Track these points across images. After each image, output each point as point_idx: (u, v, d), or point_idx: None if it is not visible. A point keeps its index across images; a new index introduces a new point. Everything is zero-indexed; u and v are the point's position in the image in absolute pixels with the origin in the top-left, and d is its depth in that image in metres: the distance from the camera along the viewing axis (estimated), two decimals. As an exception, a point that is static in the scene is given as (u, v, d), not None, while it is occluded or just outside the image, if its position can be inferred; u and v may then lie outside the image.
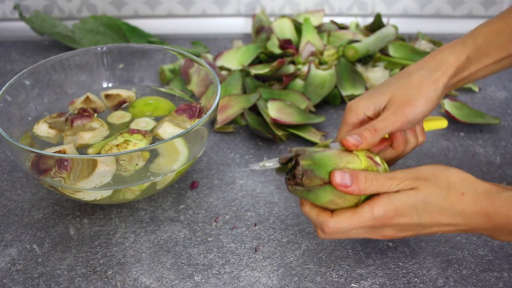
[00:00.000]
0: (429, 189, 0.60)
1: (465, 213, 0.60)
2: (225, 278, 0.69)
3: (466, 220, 0.60)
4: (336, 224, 0.61)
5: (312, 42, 1.08)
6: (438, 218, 0.61)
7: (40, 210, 0.79)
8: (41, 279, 0.69)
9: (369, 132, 0.65)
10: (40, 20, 1.15)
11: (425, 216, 0.60)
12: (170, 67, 0.92)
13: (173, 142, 0.71)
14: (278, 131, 0.90)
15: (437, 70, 0.68)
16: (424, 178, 0.61)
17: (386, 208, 0.60)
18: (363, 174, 0.61)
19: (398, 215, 0.60)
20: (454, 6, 1.23)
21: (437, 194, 0.60)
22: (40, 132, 0.80)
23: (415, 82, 0.67)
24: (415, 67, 0.70)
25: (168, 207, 0.80)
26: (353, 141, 0.64)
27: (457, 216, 0.60)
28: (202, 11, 1.25)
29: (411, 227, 0.62)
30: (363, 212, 0.60)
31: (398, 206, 0.60)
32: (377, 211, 0.60)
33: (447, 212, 0.60)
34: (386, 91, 0.68)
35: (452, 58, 0.69)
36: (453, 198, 0.60)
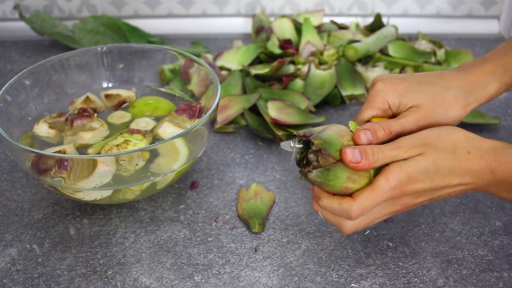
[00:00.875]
0: (436, 152, 0.61)
1: (473, 170, 0.61)
2: (225, 278, 0.69)
3: (474, 177, 0.62)
4: (360, 205, 0.61)
5: (312, 42, 1.08)
6: (449, 179, 0.61)
7: (40, 210, 0.79)
8: (41, 279, 0.69)
9: (383, 132, 0.65)
10: (40, 20, 1.15)
11: (436, 179, 0.61)
12: (170, 67, 0.92)
13: (173, 142, 0.71)
14: (278, 131, 0.90)
15: (472, 95, 0.68)
16: (429, 142, 0.61)
17: (400, 176, 0.60)
18: (370, 148, 0.61)
19: (412, 181, 0.61)
20: (454, 6, 1.23)
21: (445, 156, 0.61)
22: (40, 132, 0.81)
23: (447, 101, 0.67)
24: (453, 81, 0.68)
25: (168, 207, 0.80)
26: (365, 140, 0.63)
27: (466, 175, 0.62)
28: (202, 11, 1.25)
29: (426, 192, 0.62)
30: (380, 185, 0.61)
31: (410, 172, 0.60)
32: (392, 180, 0.60)
33: (456, 172, 0.61)
34: (418, 96, 0.67)
35: (492, 87, 0.69)
36: (460, 157, 0.61)
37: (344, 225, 0.63)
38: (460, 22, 1.24)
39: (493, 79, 0.69)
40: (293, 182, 0.83)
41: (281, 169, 0.86)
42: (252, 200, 0.79)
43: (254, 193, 0.80)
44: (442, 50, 1.09)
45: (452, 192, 0.63)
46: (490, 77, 0.69)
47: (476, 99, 0.68)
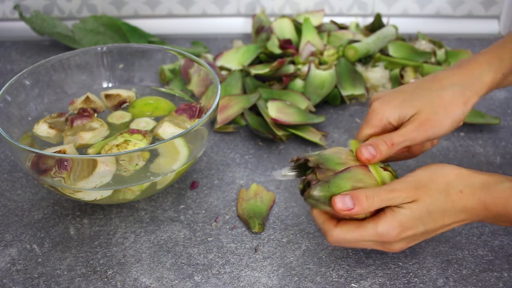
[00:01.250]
0: (430, 197, 0.61)
1: (467, 208, 0.61)
2: (225, 278, 0.69)
3: (468, 215, 0.62)
4: (339, 234, 0.62)
5: (312, 42, 1.08)
6: (442, 221, 0.62)
7: (40, 210, 0.79)
8: (41, 279, 0.69)
9: (385, 146, 0.65)
10: (40, 20, 1.15)
11: (430, 223, 0.62)
12: (170, 67, 0.92)
13: (173, 142, 0.71)
14: (278, 131, 0.90)
15: (470, 89, 0.67)
16: (422, 185, 0.62)
17: (390, 225, 0.61)
18: (363, 193, 0.61)
19: (404, 230, 0.61)
20: (454, 6, 1.23)
21: (438, 200, 0.61)
22: (40, 132, 0.81)
23: (445, 100, 0.66)
24: (448, 81, 0.68)
25: (168, 207, 0.80)
26: (367, 155, 0.64)
27: (460, 214, 0.62)
28: (202, 11, 1.25)
29: (419, 236, 0.63)
30: (367, 227, 0.62)
31: (404, 221, 0.61)
32: (381, 227, 0.61)
33: (449, 212, 0.61)
34: (415, 104, 0.67)
35: (488, 76, 0.68)
36: (453, 198, 0.61)
37: (329, 234, 0.64)
38: (460, 22, 1.24)
39: (489, 69, 0.68)
40: (293, 182, 0.83)
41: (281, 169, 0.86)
42: (252, 200, 0.79)
43: (254, 193, 0.81)
44: (442, 50, 1.09)
45: (447, 229, 0.64)
46: (485, 68, 0.68)
47: (475, 92, 0.67)
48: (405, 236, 0.62)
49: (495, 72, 0.68)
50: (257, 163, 0.87)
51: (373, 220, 0.62)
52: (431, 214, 0.61)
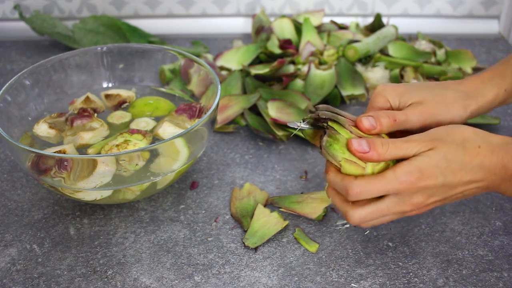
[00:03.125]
0: (447, 146, 0.60)
1: (484, 165, 0.60)
2: (225, 278, 0.69)
3: (486, 173, 0.61)
4: (360, 185, 0.60)
5: (312, 42, 1.08)
6: (460, 175, 0.60)
7: (40, 210, 0.79)
8: (41, 279, 0.70)
9: (387, 119, 0.64)
10: (40, 20, 1.15)
11: (448, 174, 0.60)
12: (170, 67, 0.92)
13: (173, 142, 0.71)
14: (278, 131, 0.90)
15: (472, 99, 0.68)
16: (439, 138, 0.61)
17: (409, 170, 0.60)
18: (379, 140, 0.61)
19: (423, 176, 0.60)
20: (454, 6, 1.23)
21: (456, 150, 0.60)
22: (40, 132, 0.81)
23: (448, 99, 0.67)
24: (453, 85, 0.69)
25: (168, 207, 0.80)
26: (367, 125, 0.63)
27: (477, 170, 0.61)
28: (202, 11, 1.25)
29: (438, 190, 0.61)
30: (386, 175, 0.60)
31: (422, 167, 0.60)
32: (400, 173, 0.60)
33: (467, 167, 0.60)
34: (418, 94, 0.67)
35: (490, 93, 0.69)
36: (471, 151, 0.60)
37: (350, 214, 0.63)
38: (460, 22, 1.24)
39: (491, 85, 0.69)
40: (293, 182, 0.83)
41: (281, 169, 0.86)
42: (245, 199, 0.79)
43: (247, 192, 0.81)
44: (442, 50, 1.09)
45: (465, 190, 0.62)
46: (488, 84, 0.70)
47: (476, 103, 0.68)
48: (424, 185, 0.60)
49: (498, 88, 0.69)
50: (257, 163, 0.87)
51: (390, 169, 0.60)
52: (450, 164, 0.60)
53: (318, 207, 0.77)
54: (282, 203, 0.78)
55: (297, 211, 0.77)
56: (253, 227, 0.74)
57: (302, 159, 0.88)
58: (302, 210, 0.77)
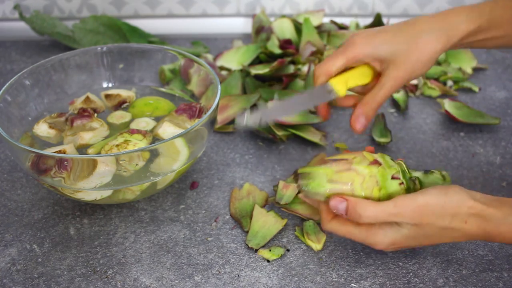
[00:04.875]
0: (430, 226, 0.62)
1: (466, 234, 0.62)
2: (225, 278, 0.69)
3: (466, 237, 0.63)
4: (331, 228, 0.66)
5: (312, 42, 1.08)
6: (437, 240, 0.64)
7: (40, 210, 0.79)
8: (41, 279, 0.70)
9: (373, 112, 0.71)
10: (40, 20, 1.15)
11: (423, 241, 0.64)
12: (170, 67, 0.92)
13: (173, 142, 0.71)
14: (278, 131, 0.90)
15: (445, 34, 0.69)
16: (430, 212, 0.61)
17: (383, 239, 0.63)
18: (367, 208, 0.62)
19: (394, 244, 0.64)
20: (453, 6, 1.23)
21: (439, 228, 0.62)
22: (40, 132, 0.81)
23: (421, 42, 0.68)
24: (424, 25, 0.70)
25: (168, 207, 0.80)
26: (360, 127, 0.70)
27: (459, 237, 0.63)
28: (202, 11, 1.25)
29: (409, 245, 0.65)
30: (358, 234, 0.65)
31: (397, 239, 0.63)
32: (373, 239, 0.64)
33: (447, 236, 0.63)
34: (392, 47, 0.69)
35: (464, 25, 0.69)
36: (456, 225, 0.61)
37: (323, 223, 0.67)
38: (460, 22, 1.24)
39: (466, 19, 0.70)
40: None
41: (281, 169, 0.86)
42: (244, 200, 0.79)
43: (247, 192, 0.81)
44: (442, 50, 1.09)
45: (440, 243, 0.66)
46: (463, 17, 0.70)
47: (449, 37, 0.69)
48: (393, 248, 0.65)
49: (471, 22, 0.70)
50: (257, 163, 0.87)
51: (366, 229, 0.64)
52: (427, 236, 0.63)
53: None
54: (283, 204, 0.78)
55: (299, 212, 0.77)
56: (254, 228, 0.74)
57: (302, 159, 0.88)
58: (304, 211, 0.77)
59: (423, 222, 0.61)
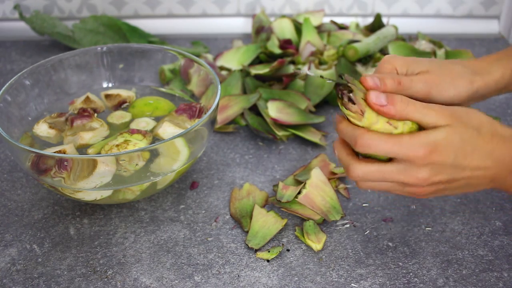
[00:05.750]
0: (463, 127, 0.60)
1: (494, 153, 0.60)
2: (225, 278, 0.69)
3: (494, 162, 0.61)
4: (371, 138, 0.59)
5: (312, 42, 1.08)
6: (471, 158, 0.60)
7: (40, 210, 0.79)
8: (41, 279, 0.70)
9: (392, 81, 0.63)
10: (40, 20, 1.15)
11: (460, 155, 0.60)
12: (170, 67, 0.92)
13: (173, 142, 0.71)
14: (278, 131, 0.90)
15: (478, 75, 0.68)
16: (457, 115, 0.60)
17: (425, 142, 0.59)
18: (398, 97, 0.60)
19: (436, 151, 0.59)
20: (454, 6, 1.23)
21: (471, 132, 0.60)
22: (40, 132, 0.81)
23: (454, 73, 0.67)
24: (460, 62, 0.69)
25: (168, 207, 0.80)
26: (371, 83, 0.62)
27: (487, 157, 0.60)
28: (202, 11, 1.25)
29: (446, 169, 0.60)
30: (401, 138, 0.59)
31: (437, 142, 0.59)
32: (415, 141, 0.59)
33: (479, 152, 0.60)
34: (426, 65, 0.67)
35: (497, 72, 0.69)
36: (484, 138, 0.60)
37: (352, 167, 0.62)
38: (460, 22, 1.24)
39: (498, 65, 0.69)
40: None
41: (281, 169, 0.86)
42: (244, 200, 0.79)
43: (246, 192, 0.81)
44: (442, 50, 1.09)
45: (471, 177, 0.61)
46: (494, 64, 0.69)
47: (482, 79, 0.68)
48: (435, 160, 0.59)
49: (504, 68, 0.69)
50: (257, 163, 0.87)
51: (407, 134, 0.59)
52: (463, 144, 0.60)
53: None
54: (283, 203, 0.78)
55: (299, 212, 0.77)
56: (254, 228, 0.74)
57: (302, 159, 0.88)
58: (304, 211, 0.77)
59: (455, 122, 0.60)
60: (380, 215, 0.78)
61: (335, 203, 0.77)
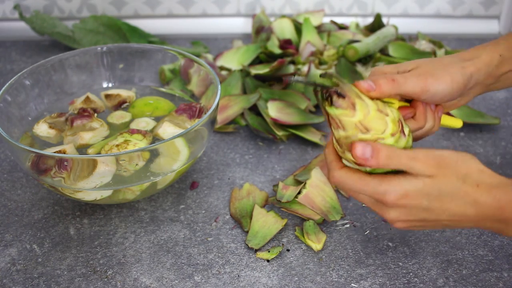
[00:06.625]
0: (446, 178, 0.59)
1: (479, 203, 0.59)
2: (225, 278, 0.69)
3: (477, 211, 0.59)
4: (341, 177, 0.60)
5: (312, 42, 1.08)
6: (449, 205, 0.59)
7: (40, 210, 0.79)
8: (41, 279, 0.70)
9: (385, 80, 0.63)
10: (40, 20, 1.15)
11: (435, 202, 0.59)
12: (170, 67, 0.92)
13: (173, 142, 0.71)
14: (278, 131, 0.90)
15: (468, 61, 0.68)
16: (445, 165, 0.59)
17: (395, 188, 0.58)
18: (385, 151, 0.59)
19: (406, 197, 0.59)
20: (454, 6, 1.23)
21: (453, 184, 0.59)
22: (40, 132, 0.81)
23: (444, 63, 0.67)
24: (447, 56, 0.69)
25: (168, 207, 0.80)
26: (366, 86, 0.62)
27: (469, 206, 0.59)
28: (202, 11, 1.25)
29: (418, 212, 0.60)
30: (370, 183, 0.59)
31: (410, 191, 0.58)
32: (384, 186, 0.59)
33: (459, 201, 0.59)
34: (415, 61, 0.67)
35: (485, 56, 0.69)
36: (468, 188, 0.59)
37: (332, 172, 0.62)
38: (460, 22, 1.24)
39: (485, 51, 0.69)
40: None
41: (281, 169, 0.86)
42: (244, 200, 0.79)
43: (246, 192, 0.81)
44: (442, 50, 1.09)
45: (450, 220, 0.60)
46: (481, 50, 0.69)
47: (473, 64, 0.68)
48: (404, 204, 0.59)
49: (491, 52, 0.69)
50: (257, 163, 0.87)
51: (379, 178, 0.59)
52: (441, 194, 0.59)
53: None
54: (283, 203, 0.78)
55: (299, 212, 0.77)
56: (254, 228, 0.74)
57: (302, 159, 0.88)
58: (304, 211, 0.77)
59: (439, 173, 0.59)
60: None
61: (335, 203, 0.77)
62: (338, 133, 0.60)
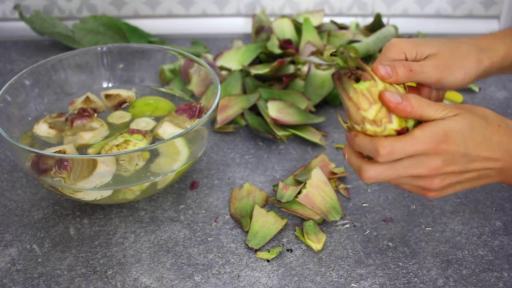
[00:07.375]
0: (472, 116, 0.61)
1: (503, 144, 0.61)
2: (225, 278, 0.69)
3: (503, 152, 0.61)
4: (391, 145, 0.59)
5: (312, 42, 1.08)
6: (480, 148, 0.60)
7: (40, 210, 0.79)
8: (41, 279, 0.70)
9: (403, 69, 0.63)
10: (40, 20, 1.15)
11: (470, 144, 0.60)
12: (170, 67, 0.92)
13: (173, 142, 0.71)
14: (278, 131, 0.90)
15: (485, 53, 0.69)
16: (465, 107, 0.62)
17: (436, 131, 0.59)
18: (412, 94, 0.61)
19: (447, 139, 0.59)
20: (454, 6, 1.23)
21: (479, 122, 0.61)
22: (40, 132, 0.81)
23: (462, 52, 0.68)
24: (466, 40, 0.70)
25: (168, 207, 0.80)
26: (383, 72, 0.62)
27: (496, 148, 0.61)
28: (202, 11, 1.25)
29: (458, 159, 0.60)
30: (414, 134, 0.59)
31: (447, 130, 0.59)
32: (427, 132, 0.59)
33: (488, 141, 0.61)
34: (434, 45, 0.68)
35: (502, 49, 0.70)
36: (492, 127, 0.61)
37: (365, 169, 0.61)
38: (460, 22, 1.24)
39: (503, 43, 0.70)
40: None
41: (281, 169, 0.86)
42: (244, 200, 0.79)
43: (247, 192, 0.81)
44: (442, 50, 1.09)
45: (481, 169, 0.61)
46: (499, 41, 0.71)
47: (489, 57, 0.69)
48: (446, 149, 0.59)
49: (508, 46, 0.70)
50: (257, 163, 0.87)
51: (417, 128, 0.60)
52: (473, 133, 0.60)
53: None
54: (283, 203, 0.78)
55: (299, 212, 0.77)
56: (254, 228, 0.74)
57: (302, 159, 0.88)
58: (304, 211, 0.77)
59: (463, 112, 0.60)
60: (380, 215, 0.78)
61: (335, 203, 0.77)
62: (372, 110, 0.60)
